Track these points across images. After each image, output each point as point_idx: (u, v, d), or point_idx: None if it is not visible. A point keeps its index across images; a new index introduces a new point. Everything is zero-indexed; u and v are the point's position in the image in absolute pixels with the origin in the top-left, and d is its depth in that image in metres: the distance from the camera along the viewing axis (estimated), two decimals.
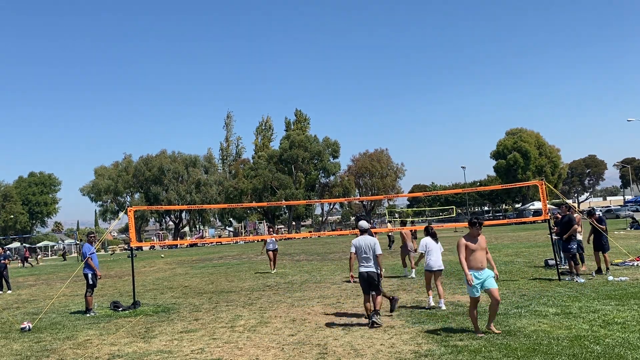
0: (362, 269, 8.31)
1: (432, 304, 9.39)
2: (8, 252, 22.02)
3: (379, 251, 8.33)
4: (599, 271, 12.46)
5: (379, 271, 8.28)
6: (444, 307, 9.16)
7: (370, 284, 8.25)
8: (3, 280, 18.53)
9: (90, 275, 11.50)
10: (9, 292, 18.23)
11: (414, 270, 14.31)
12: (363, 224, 8.68)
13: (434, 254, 9.51)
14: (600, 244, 12.66)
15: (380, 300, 8.35)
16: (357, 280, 8.76)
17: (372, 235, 8.59)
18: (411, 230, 16.02)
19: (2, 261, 18.63)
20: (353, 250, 8.51)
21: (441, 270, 9.51)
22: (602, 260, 12.58)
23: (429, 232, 9.88)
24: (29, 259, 42.17)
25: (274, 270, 18.22)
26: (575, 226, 12.21)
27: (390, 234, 27.55)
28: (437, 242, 9.65)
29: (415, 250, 14.24)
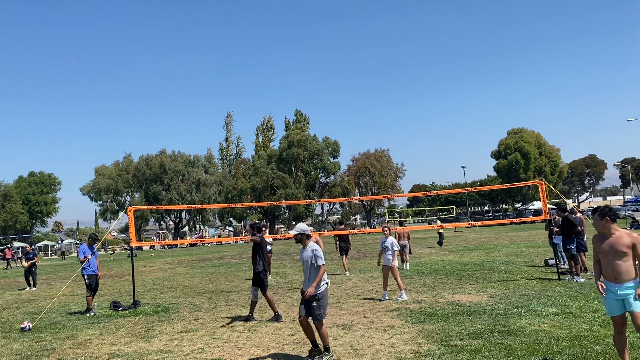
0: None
1: (405, 298, 10.47)
2: (35, 250, 22.41)
3: (320, 262, 6.45)
4: (584, 271, 12.43)
5: (317, 290, 6.35)
6: (405, 298, 10.42)
7: (306, 307, 6.41)
8: (30, 277, 18.90)
9: (86, 277, 11.55)
10: (34, 288, 18.44)
11: (408, 263, 16.94)
12: (302, 226, 6.76)
13: (391, 251, 10.78)
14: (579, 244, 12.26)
15: (326, 332, 6.40)
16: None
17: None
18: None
19: (33, 259, 19.15)
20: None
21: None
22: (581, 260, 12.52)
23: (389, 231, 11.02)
24: (10, 260, 38.84)
25: (269, 277, 17.16)
26: (555, 228, 12.26)
27: (440, 230, 27.18)
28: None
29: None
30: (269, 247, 17.08)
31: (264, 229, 10.01)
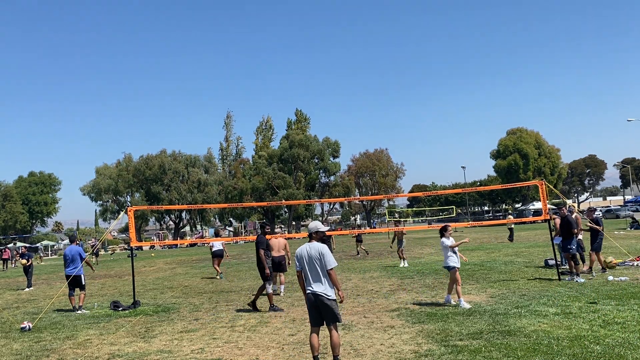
0: (309, 290, 5.97)
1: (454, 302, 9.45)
2: (31, 253, 22.50)
3: (331, 264, 5.91)
4: (599, 270, 12.49)
5: (333, 294, 5.94)
6: (468, 306, 9.10)
7: (320, 312, 5.93)
8: (26, 277, 18.93)
9: (82, 276, 11.94)
10: (27, 289, 18.37)
11: (405, 260, 17.66)
12: (315, 225, 6.30)
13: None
14: (598, 244, 12.67)
15: (338, 340, 5.94)
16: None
17: (326, 241, 7.52)
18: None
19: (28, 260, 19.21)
20: (298, 265, 6.13)
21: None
22: (596, 259, 12.63)
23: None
24: (7, 261, 36.91)
25: (217, 277, 17.36)
26: (556, 227, 12.31)
27: (511, 226, 27.22)
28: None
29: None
30: (220, 248, 17.56)
31: (221, 229, 10.98)
